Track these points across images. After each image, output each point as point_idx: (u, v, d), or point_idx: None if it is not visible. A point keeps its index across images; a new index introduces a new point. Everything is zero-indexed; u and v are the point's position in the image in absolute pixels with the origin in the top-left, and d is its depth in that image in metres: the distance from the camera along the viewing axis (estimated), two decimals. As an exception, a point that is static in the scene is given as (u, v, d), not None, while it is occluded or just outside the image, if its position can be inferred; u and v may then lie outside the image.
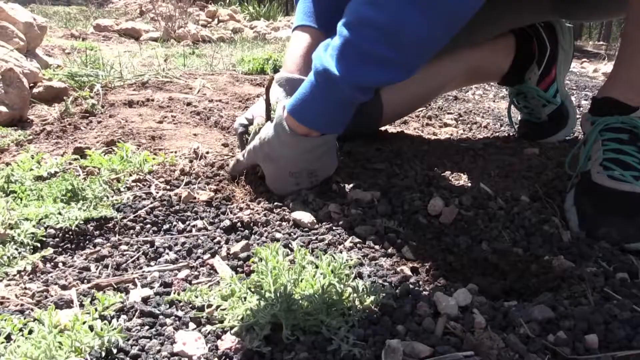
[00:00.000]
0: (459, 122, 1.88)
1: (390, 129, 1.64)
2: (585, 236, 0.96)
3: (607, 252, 0.88)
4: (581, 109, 2.71)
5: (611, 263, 0.83)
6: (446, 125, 1.81)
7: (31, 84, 1.92)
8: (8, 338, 0.58)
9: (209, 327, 0.62)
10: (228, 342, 0.60)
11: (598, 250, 0.88)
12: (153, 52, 3.69)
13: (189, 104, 1.84)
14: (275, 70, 2.92)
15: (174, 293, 0.68)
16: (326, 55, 0.93)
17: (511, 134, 1.73)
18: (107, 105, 1.78)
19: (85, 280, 0.71)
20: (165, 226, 0.90)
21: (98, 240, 0.85)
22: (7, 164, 1.18)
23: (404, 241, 0.87)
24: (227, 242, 0.85)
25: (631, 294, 0.73)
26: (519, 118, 1.72)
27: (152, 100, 1.85)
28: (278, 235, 0.86)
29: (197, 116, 1.65)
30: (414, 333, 0.62)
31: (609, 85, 1.17)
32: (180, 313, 0.64)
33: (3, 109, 1.62)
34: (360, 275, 0.73)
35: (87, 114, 1.67)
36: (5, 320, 0.59)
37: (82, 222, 0.87)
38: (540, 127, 1.61)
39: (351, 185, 1.06)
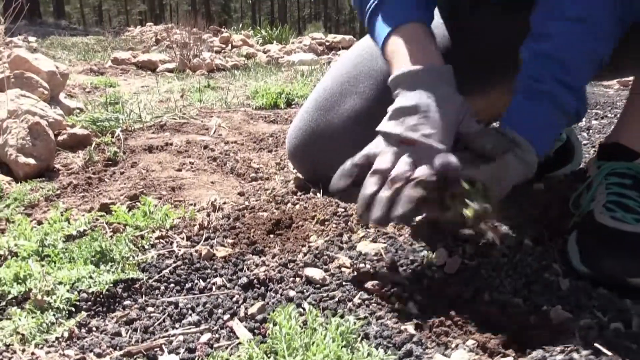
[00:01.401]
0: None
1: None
2: (588, 270, 1.01)
3: (604, 300, 0.93)
4: (590, 131, 2.74)
5: (607, 312, 0.88)
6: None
7: (56, 132, 2.02)
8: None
9: (230, 393, 0.68)
10: (247, 407, 0.66)
11: (595, 299, 0.93)
12: (169, 86, 3.81)
13: (205, 147, 1.92)
14: (289, 103, 3.00)
15: (198, 359, 0.75)
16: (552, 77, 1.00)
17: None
18: (129, 151, 1.87)
19: (118, 348, 0.78)
20: (188, 285, 0.97)
21: (127, 302, 0.93)
22: (39, 222, 1.26)
23: (410, 295, 0.92)
24: (244, 300, 0.92)
25: (623, 346, 0.78)
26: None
27: (171, 144, 1.94)
28: (292, 293, 0.92)
29: (214, 162, 1.73)
30: (416, 395, 0.68)
31: (617, 131, 1.24)
32: (204, 380, 0.71)
33: (31, 161, 1.72)
34: (367, 336, 0.79)
35: (110, 162, 1.76)
36: (49, 392, 0.66)
37: (111, 284, 0.95)
38: (546, 162, 1.66)
39: (359, 235, 1.13)
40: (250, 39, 8.86)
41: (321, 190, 1.38)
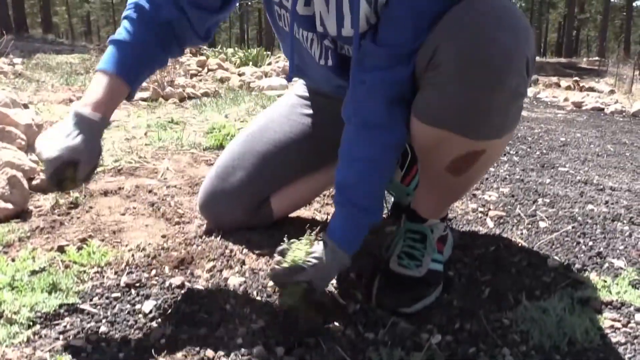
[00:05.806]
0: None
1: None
2: (376, 304, 1.53)
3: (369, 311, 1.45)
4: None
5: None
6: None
7: (30, 177, 2.52)
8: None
9: None
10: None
11: (369, 311, 1.45)
12: (138, 122, 4.32)
13: (150, 191, 2.44)
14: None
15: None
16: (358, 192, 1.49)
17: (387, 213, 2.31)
18: (88, 195, 2.38)
19: (54, 348, 1.30)
20: (110, 310, 1.49)
21: (67, 319, 1.44)
22: (13, 260, 1.77)
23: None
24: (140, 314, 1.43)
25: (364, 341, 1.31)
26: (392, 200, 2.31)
27: (122, 188, 2.45)
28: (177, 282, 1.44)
29: (151, 207, 2.25)
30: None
31: (414, 200, 1.74)
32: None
33: (9, 205, 2.23)
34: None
35: (72, 205, 2.27)
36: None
37: (57, 307, 1.46)
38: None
39: (234, 270, 1.64)
40: (225, 63, 9.37)
41: (220, 235, 1.91)
